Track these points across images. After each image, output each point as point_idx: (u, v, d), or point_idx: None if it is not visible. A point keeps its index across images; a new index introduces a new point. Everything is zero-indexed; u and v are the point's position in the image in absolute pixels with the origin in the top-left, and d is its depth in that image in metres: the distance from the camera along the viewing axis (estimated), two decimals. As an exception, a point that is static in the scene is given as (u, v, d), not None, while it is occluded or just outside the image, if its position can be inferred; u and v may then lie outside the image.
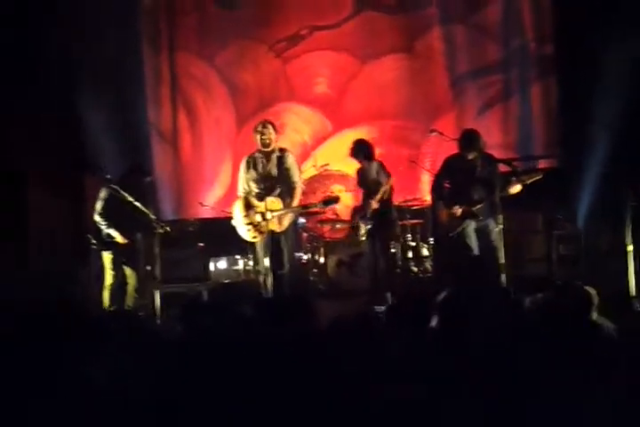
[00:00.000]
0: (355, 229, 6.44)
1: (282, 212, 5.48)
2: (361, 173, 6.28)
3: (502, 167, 5.72)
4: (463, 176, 5.58)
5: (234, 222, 5.68)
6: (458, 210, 5.54)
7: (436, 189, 5.85)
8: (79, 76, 7.60)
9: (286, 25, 8.47)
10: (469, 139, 5.57)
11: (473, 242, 5.57)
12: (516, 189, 5.48)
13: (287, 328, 2.78)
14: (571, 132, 7.48)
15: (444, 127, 7.00)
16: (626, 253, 5.28)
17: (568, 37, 7.58)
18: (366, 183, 6.23)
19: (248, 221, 5.57)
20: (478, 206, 5.53)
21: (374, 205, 6.03)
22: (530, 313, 2.80)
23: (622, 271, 5.30)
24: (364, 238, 6.39)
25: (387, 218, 6.16)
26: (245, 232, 5.62)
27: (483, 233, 5.57)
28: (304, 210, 5.64)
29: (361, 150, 6.15)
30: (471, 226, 5.58)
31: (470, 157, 5.54)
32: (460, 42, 8.19)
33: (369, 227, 6.17)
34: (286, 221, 5.58)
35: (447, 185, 5.75)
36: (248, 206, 5.61)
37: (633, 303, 5.17)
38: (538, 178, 5.55)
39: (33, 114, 7.13)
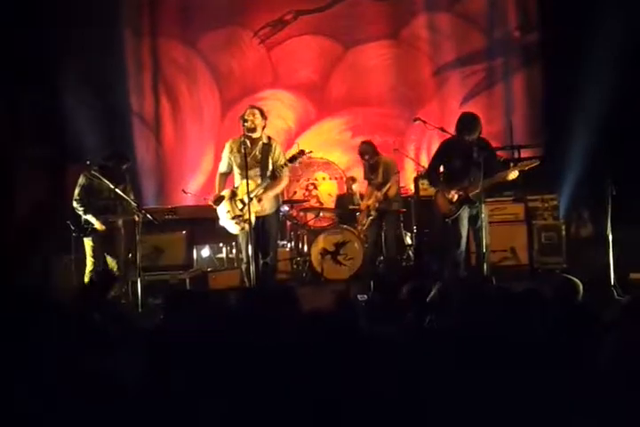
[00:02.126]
0: (358, 218, 6.70)
1: (257, 190, 5.36)
2: (367, 167, 6.71)
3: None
4: (461, 159, 5.45)
5: (221, 222, 5.58)
6: (454, 195, 5.49)
7: (432, 172, 5.72)
8: (61, 63, 7.49)
9: (270, 10, 8.40)
10: (469, 121, 5.42)
11: (464, 230, 5.51)
12: (513, 175, 5.42)
13: (270, 317, 2.78)
14: (554, 122, 7.50)
15: (427, 115, 6.99)
16: (606, 242, 5.32)
17: (552, 26, 7.59)
18: (372, 177, 6.62)
19: (232, 216, 5.49)
20: (475, 192, 5.44)
21: (380, 197, 6.49)
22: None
23: (602, 260, 5.34)
24: (364, 228, 6.59)
25: (391, 210, 6.42)
26: (233, 226, 5.52)
27: (473, 221, 5.51)
28: (274, 177, 5.44)
29: (363, 151, 6.67)
30: (465, 212, 5.50)
31: (468, 139, 5.42)
32: (445, 30, 8.17)
33: (371, 218, 6.51)
34: (267, 203, 5.47)
35: (443, 168, 5.66)
36: (232, 199, 5.51)
37: (613, 292, 5.22)
38: (535, 165, 5.49)
39: (14, 103, 7.03)
